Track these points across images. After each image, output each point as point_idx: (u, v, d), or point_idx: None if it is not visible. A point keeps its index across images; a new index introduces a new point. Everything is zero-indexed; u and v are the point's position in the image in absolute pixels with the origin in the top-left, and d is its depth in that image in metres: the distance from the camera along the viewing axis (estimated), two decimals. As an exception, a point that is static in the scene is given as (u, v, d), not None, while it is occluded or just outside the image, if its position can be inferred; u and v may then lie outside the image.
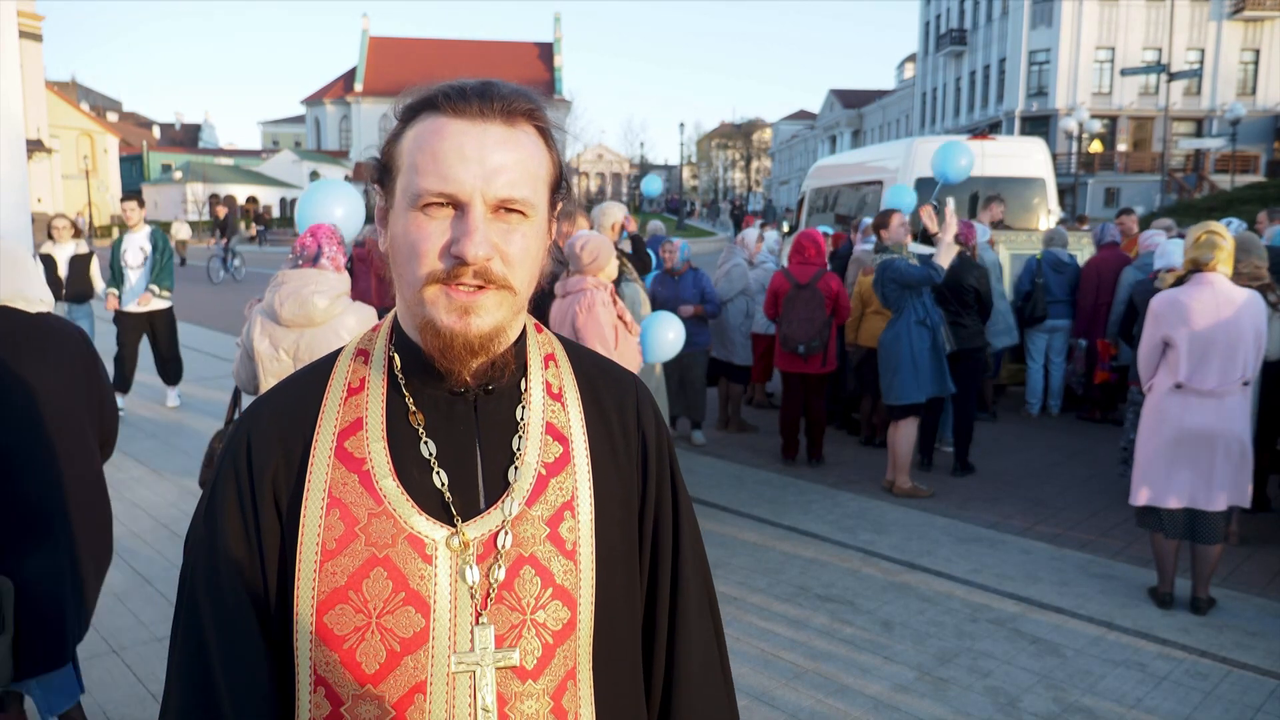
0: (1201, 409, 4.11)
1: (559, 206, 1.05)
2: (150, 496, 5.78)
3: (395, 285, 0.99)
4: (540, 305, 5.35)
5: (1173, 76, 26.11)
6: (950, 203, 5.94)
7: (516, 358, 1.05)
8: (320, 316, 3.20)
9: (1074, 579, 4.69)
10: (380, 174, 1.00)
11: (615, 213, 6.79)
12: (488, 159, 0.92)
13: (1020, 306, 8.05)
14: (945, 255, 5.69)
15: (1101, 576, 4.73)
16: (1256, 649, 3.93)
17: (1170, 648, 3.94)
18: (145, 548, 4.95)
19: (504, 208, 0.94)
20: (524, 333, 1.08)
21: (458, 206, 0.93)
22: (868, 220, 8.31)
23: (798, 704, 3.45)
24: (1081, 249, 8.74)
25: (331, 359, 1.08)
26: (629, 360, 4.23)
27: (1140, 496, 4.28)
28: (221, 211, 23.99)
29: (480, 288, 0.93)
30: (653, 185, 16.09)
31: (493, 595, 0.97)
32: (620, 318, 4.32)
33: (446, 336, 0.93)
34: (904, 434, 5.98)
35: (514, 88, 0.97)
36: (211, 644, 0.97)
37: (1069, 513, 5.80)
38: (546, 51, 77.88)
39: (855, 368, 7.32)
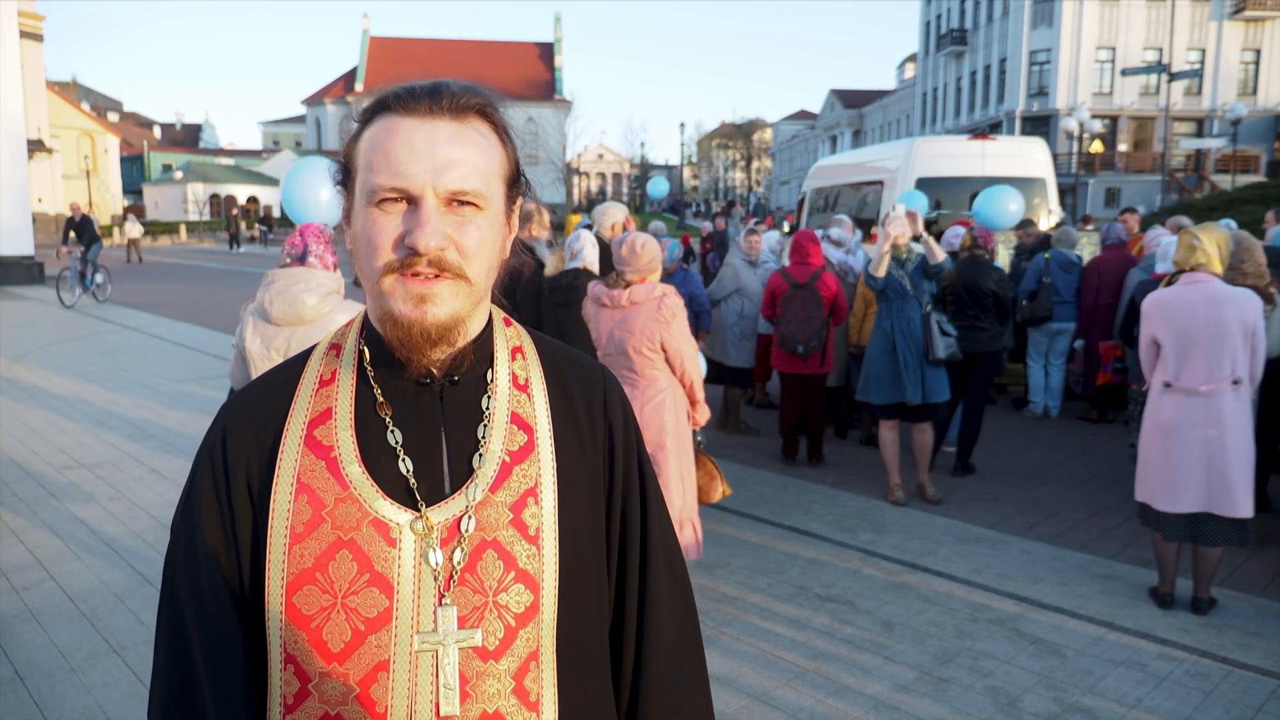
0: (1190, 408, 4.10)
1: (519, 202, 1.07)
2: (150, 496, 5.78)
3: (361, 281, 1.02)
4: (535, 303, 5.34)
5: (1173, 76, 26.09)
6: (898, 208, 5.93)
7: (482, 349, 1.08)
8: (310, 314, 3.20)
9: (1074, 579, 4.69)
10: (342, 176, 1.03)
11: (616, 213, 6.79)
12: (437, 153, 0.95)
13: (1023, 307, 8.00)
14: (879, 264, 5.71)
15: (1102, 576, 4.73)
16: (1257, 649, 3.92)
17: (1170, 648, 3.94)
18: (145, 548, 4.96)
19: (456, 200, 0.96)
20: (490, 325, 1.11)
21: (410, 200, 0.96)
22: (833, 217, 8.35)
23: (798, 704, 3.45)
24: (1083, 250, 8.73)
25: (307, 354, 1.12)
26: (695, 360, 4.15)
27: (1141, 493, 4.31)
28: (77, 211, 18.36)
29: (436, 276, 0.96)
30: (658, 187, 16.07)
31: (455, 577, 0.99)
32: None
33: (404, 325, 0.96)
34: (881, 438, 6.02)
35: (465, 85, 1.00)
36: (191, 627, 1.01)
37: (1069, 513, 5.80)
38: (546, 51, 77.85)
39: (855, 368, 7.31)
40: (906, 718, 3.38)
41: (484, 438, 1.05)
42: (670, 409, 4.12)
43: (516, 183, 1.06)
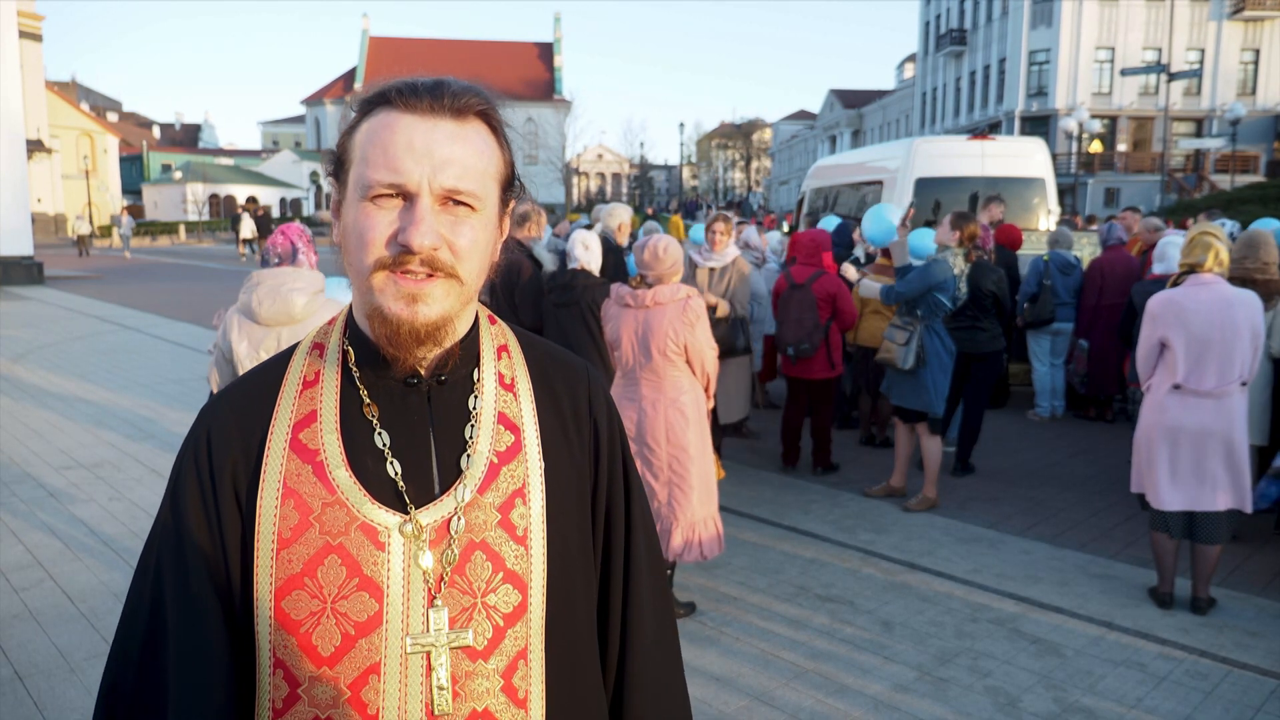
0: (1199, 409, 4.11)
1: (511, 204, 1.08)
2: (150, 496, 5.78)
3: (348, 276, 1.02)
4: (536, 302, 5.34)
5: (1173, 76, 26.13)
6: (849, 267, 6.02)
7: (469, 349, 1.08)
8: (300, 313, 3.23)
9: (1074, 579, 4.69)
10: (335, 166, 1.02)
11: (621, 214, 6.80)
12: (436, 152, 0.95)
13: (1025, 310, 7.95)
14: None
15: (1101, 576, 4.73)
16: (1256, 649, 3.93)
17: (1170, 648, 3.94)
18: (145, 548, 4.95)
19: (451, 199, 0.96)
20: (476, 324, 1.11)
21: (406, 197, 0.95)
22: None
23: (798, 704, 3.45)
24: (1082, 249, 8.72)
25: (288, 354, 1.11)
26: (714, 361, 4.23)
27: (1138, 485, 4.35)
28: None
29: (429, 276, 0.96)
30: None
31: (446, 579, 1.00)
32: None
33: (393, 323, 0.96)
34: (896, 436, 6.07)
35: (466, 85, 1.00)
36: (171, 623, 1.00)
37: (1069, 513, 5.80)
38: (546, 51, 77.80)
39: (854, 368, 7.30)
40: (906, 718, 3.38)
41: (471, 438, 1.05)
42: (692, 407, 4.13)
43: (511, 186, 1.06)
